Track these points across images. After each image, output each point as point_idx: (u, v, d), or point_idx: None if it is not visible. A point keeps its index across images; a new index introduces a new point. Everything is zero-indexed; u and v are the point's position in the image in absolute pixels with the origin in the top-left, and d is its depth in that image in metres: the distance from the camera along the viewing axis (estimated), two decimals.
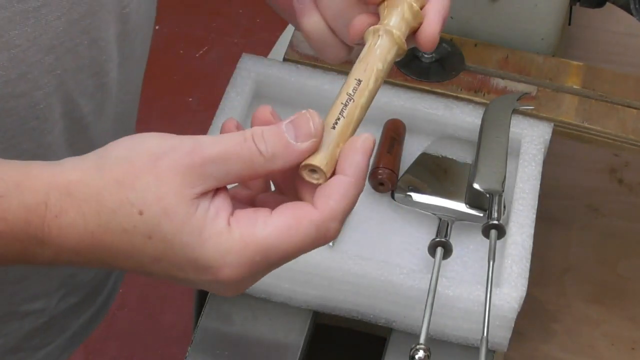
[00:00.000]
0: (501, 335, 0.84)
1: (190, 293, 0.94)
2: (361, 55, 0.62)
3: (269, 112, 0.60)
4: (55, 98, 0.71)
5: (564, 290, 0.99)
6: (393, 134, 0.94)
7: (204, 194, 0.56)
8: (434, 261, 0.82)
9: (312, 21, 0.69)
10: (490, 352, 0.85)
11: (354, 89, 0.60)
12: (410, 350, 0.75)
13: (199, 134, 0.59)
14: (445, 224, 0.87)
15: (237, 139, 0.57)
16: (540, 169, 0.92)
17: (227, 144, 0.56)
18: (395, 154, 0.93)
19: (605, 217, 1.05)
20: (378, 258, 0.85)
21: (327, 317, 0.88)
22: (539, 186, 0.91)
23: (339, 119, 0.59)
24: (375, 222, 0.91)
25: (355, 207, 0.60)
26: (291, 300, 0.87)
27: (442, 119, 0.96)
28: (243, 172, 0.57)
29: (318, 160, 0.57)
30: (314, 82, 0.97)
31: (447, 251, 0.84)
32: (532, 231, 0.87)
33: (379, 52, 0.62)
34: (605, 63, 1.12)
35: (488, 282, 0.80)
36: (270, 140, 0.57)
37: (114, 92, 0.78)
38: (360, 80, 0.60)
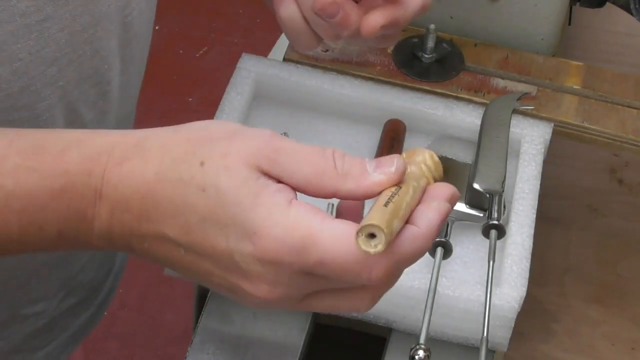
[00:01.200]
0: (501, 335, 0.84)
1: (190, 293, 0.94)
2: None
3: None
4: (58, 109, 0.72)
5: (564, 290, 0.99)
6: (393, 134, 0.94)
7: (267, 175, 0.56)
8: (434, 261, 0.82)
9: (289, 10, 0.71)
10: (490, 352, 0.85)
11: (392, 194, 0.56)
12: (410, 350, 0.75)
13: None
14: (445, 224, 0.86)
15: (317, 148, 0.56)
16: (540, 169, 0.92)
17: (306, 147, 0.56)
18: (395, 154, 0.92)
19: (605, 217, 1.05)
20: None
21: (327, 317, 0.87)
22: (539, 186, 0.91)
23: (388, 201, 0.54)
24: None
25: None
26: None
27: (442, 119, 0.96)
28: (311, 177, 0.55)
29: (377, 219, 0.52)
30: (313, 82, 0.97)
31: (447, 251, 0.83)
32: (532, 231, 0.87)
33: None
34: (605, 63, 1.12)
35: (488, 282, 0.80)
36: (348, 162, 0.56)
37: (116, 99, 0.78)
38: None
